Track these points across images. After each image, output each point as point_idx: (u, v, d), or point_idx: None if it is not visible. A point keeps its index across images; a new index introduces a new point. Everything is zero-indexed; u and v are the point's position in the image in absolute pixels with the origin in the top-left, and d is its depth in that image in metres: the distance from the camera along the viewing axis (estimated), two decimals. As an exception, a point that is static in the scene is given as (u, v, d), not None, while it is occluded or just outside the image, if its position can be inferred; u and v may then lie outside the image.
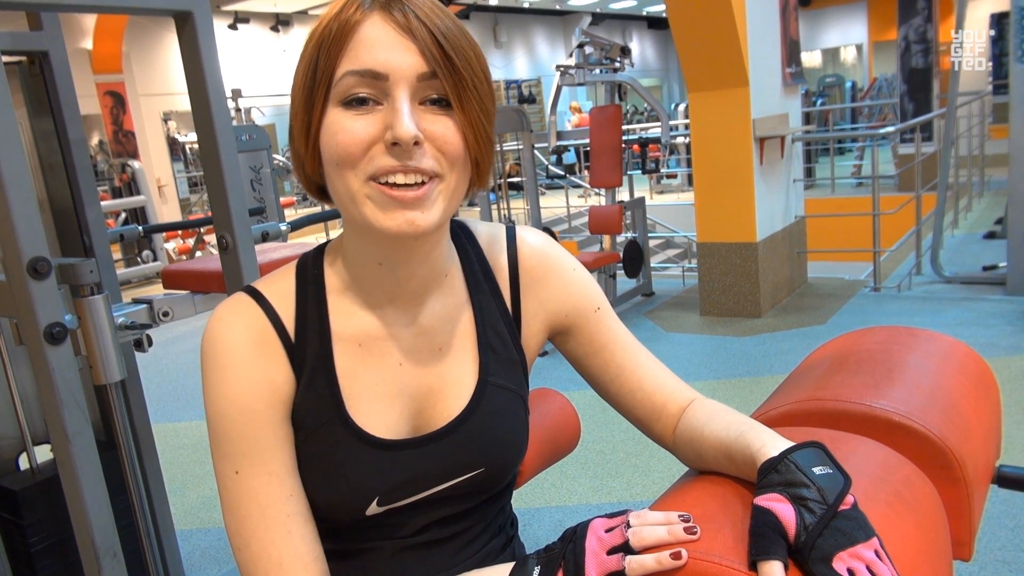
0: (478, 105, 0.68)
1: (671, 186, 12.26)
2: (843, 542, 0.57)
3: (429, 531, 0.79)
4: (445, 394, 0.78)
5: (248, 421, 0.72)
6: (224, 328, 0.74)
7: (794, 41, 5.21)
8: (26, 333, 1.28)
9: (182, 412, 4.22)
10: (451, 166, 0.68)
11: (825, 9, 17.94)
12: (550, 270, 0.84)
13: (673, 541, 0.60)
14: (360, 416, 0.75)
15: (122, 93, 10.34)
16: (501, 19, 17.29)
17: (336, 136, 0.66)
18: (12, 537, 1.78)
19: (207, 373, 0.73)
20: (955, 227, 7.10)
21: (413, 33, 0.65)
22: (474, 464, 0.77)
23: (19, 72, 1.76)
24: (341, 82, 0.66)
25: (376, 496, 0.74)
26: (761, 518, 0.60)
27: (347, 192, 0.68)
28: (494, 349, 0.80)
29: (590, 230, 5.29)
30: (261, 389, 0.73)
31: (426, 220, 0.67)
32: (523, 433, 0.81)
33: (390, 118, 0.65)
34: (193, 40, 1.45)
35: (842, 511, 0.59)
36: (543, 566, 0.65)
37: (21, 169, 1.22)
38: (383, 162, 0.66)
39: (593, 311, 0.85)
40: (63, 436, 1.30)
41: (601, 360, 0.85)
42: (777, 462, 0.63)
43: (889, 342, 0.93)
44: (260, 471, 0.72)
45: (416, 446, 0.76)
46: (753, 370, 3.96)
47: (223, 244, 1.57)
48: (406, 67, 0.65)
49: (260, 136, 6.39)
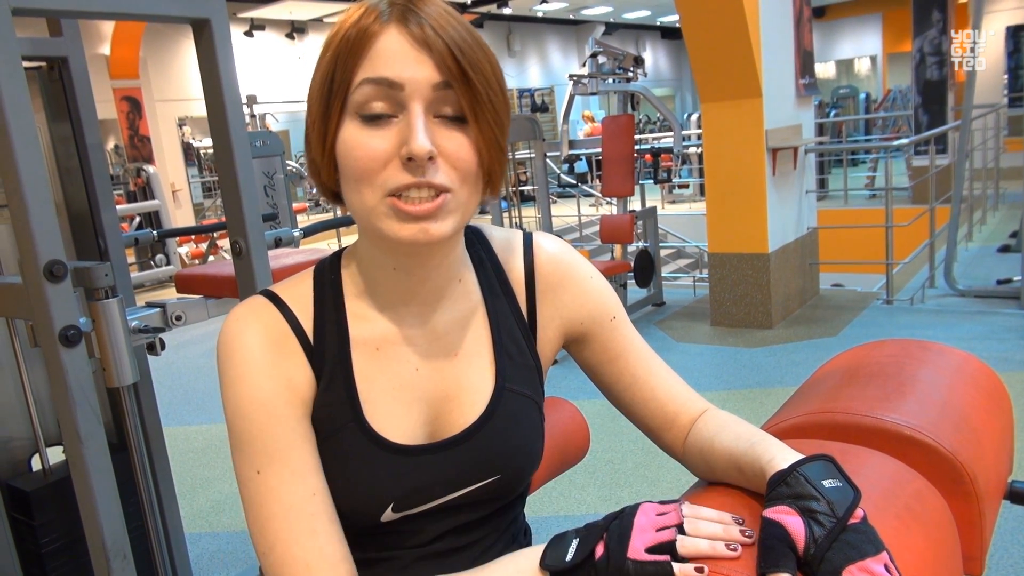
0: (492, 119, 0.69)
1: (683, 196, 12.24)
2: (853, 555, 0.57)
3: (445, 539, 0.79)
4: (461, 400, 0.78)
5: (268, 419, 0.72)
6: (243, 326, 0.74)
7: (808, 52, 5.20)
8: (41, 335, 1.30)
9: (193, 416, 4.24)
10: (463, 181, 0.69)
11: (839, 20, 17.89)
12: (567, 277, 0.84)
13: (726, 539, 0.61)
14: (377, 421, 0.75)
15: (138, 98, 10.44)
16: (515, 28, 17.34)
17: (353, 152, 0.67)
18: (24, 538, 1.80)
19: (225, 372, 0.73)
20: (969, 240, 7.05)
21: (430, 46, 0.66)
22: (490, 471, 0.77)
23: (39, 77, 1.78)
24: (357, 91, 0.67)
25: (392, 502, 0.74)
26: (770, 530, 0.60)
27: (363, 206, 0.69)
28: (510, 355, 0.80)
29: (601, 239, 5.29)
30: (281, 387, 0.73)
31: (439, 230, 0.68)
32: (539, 440, 0.81)
33: (405, 133, 0.66)
34: (210, 47, 1.46)
35: (852, 524, 0.59)
36: (581, 539, 0.65)
37: (39, 173, 1.23)
38: (399, 179, 0.67)
39: (609, 320, 0.85)
40: (76, 438, 1.31)
41: (615, 369, 0.85)
42: (787, 474, 0.63)
43: (901, 355, 0.93)
44: (282, 470, 0.71)
45: (432, 452, 0.76)
46: (763, 381, 3.94)
47: (237, 249, 1.58)
48: (421, 78, 0.66)
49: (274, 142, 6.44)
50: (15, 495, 1.78)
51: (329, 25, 15.25)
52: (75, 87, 1.78)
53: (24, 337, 1.75)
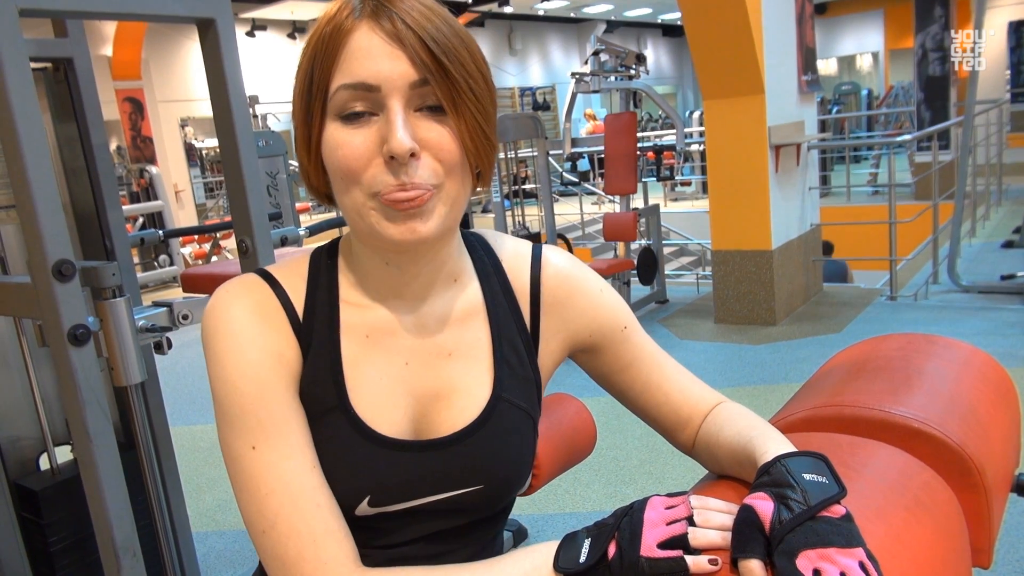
0: (474, 108, 0.68)
1: (685, 194, 12.23)
2: (813, 541, 0.56)
3: (416, 545, 0.77)
4: (452, 402, 0.76)
5: (261, 392, 0.70)
6: (231, 299, 0.73)
7: (810, 48, 5.20)
8: (50, 334, 1.30)
9: (197, 416, 4.25)
10: (448, 173, 0.68)
11: (841, 17, 17.87)
12: (575, 291, 0.83)
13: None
14: (362, 409, 0.73)
15: (141, 99, 10.46)
16: (516, 26, 17.33)
17: (336, 152, 0.67)
18: (32, 536, 1.81)
19: (213, 346, 0.71)
20: (973, 236, 7.05)
21: (402, 41, 0.65)
22: (474, 479, 0.75)
23: (44, 78, 1.79)
24: (335, 96, 0.66)
25: (368, 494, 0.72)
26: (741, 515, 0.60)
27: (352, 205, 0.69)
28: (510, 364, 0.79)
29: (604, 237, 5.29)
30: (270, 359, 0.71)
31: (427, 228, 0.68)
32: (530, 455, 0.80)
33: (385, 131, 0.65)
34: (215, 47, 1.47)
35: (825, 516, 0.58)
36: (593, 538, 0.64)
37: (47, 174, 1.24)
38: (383, 180, 0.66)
39: (620, 330, 0.84)
40: (85, 436, 1.32)
41: (628, 377, 0.85)
42: (770, 465, 0.64)
43: (908, 349, 0.93)
44: (279, 443, 0.69)
45: (417, 449, 0.74)
46: (768, 378, 3.95)
47: (243, 248, 1.58)
48: (396, 76, 0.65)
49: (276, 142, 6.44)
50: (24, 494, 1.79)
51: (331, 25, 15.24)
52: (80, 88, 1.79)
53: (32, 337, 1.76)
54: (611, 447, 3.24)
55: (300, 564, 0.66)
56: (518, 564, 0.66)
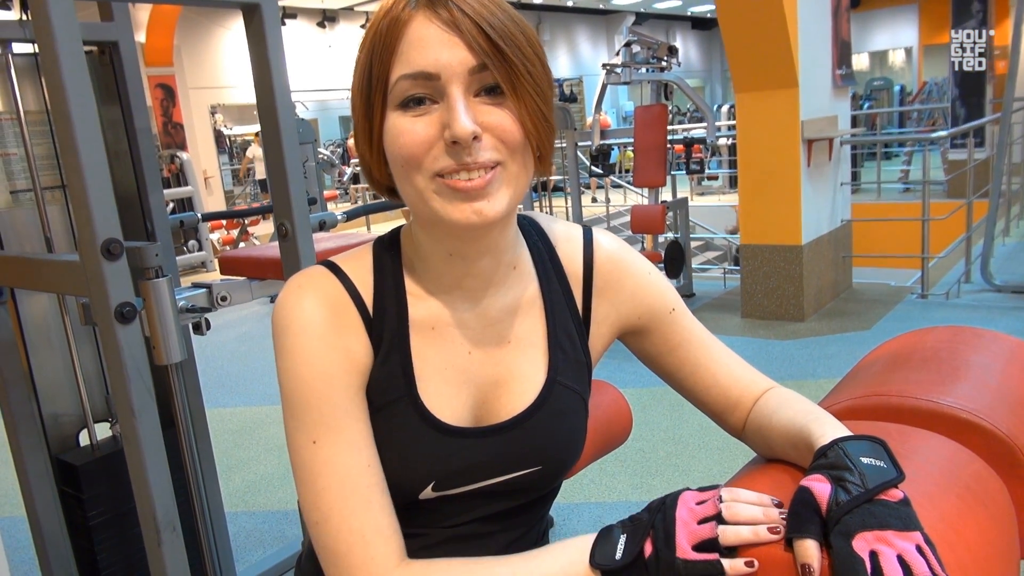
0: (533, 90, 0.68)
1: (712, 188, 12.14)
2: (870, 523, 0.56)
3: (475, 524, 0.79)
4: (511, 388, 0.78)
5: (327, 388, 0.72)
6: (302, 294, 0.74)
7: (845, 42, 5.13)
8: (97, 312, 1.33)
9: (228, 398, 4.31)
10: (511, 153, 0.69)
11: (874, 11, 17.60)
12: (626, 274, 0.84)
13: (766, 522, 0.61)
14: (428, 399, 0.76)
15: (172, 86, 10.57)
16: (544, 17, 17.28)
17: (398, 139, 0.68)
18: (72, 510, 1.85)
19: (283, 341, 0.72)
20: (1006, 235, 6.93)
21: (459, 28, 0.65)
22: (532, 461, 0.77)
23: (90, 62, 1.82)
24: (396, 87, 0.67)
25: (433, 480, 0.75)
26: (798, 496, 0.61)
27: (415, 190, 0.69)
28: (563, 348, 0.80)
29: (632, 229, 5.27)
30: (339, 356, 0.73)
31: (492, 209, 0.68)
32: (582, 436, 0.82)
33: (447, 117, 0.66)
34: (260, 32, 1.49)
35: (883, 499, 0.58)
36: (629, 535, 0.65)
37: (99, 156, 1.26)
38: (445, 162, 0.67)
39: (668, 312, 0.85)
40: (130, 413, 1.35)
41: (676, 358, 0.86)
42: (827, 448, 0.64)
43: (954, 341, 0.93)
44: (338, 440, 0.71)
45: (479, 436, 0.76)
46: (796, 374, 3.92)
47: (283, 232, 1.60)
48: (456, 63, 0.65)
49: (306, 130, 6.50)
50: (65, 469, 1.83)
51: (360, 14, 15.15)
52: (125, 71, 1.82)
53: (75, 315, 1.80)
54: (637, 439, 3.24)
55: (349, 558, 0.70)
56: (555, 558, 0.68)
